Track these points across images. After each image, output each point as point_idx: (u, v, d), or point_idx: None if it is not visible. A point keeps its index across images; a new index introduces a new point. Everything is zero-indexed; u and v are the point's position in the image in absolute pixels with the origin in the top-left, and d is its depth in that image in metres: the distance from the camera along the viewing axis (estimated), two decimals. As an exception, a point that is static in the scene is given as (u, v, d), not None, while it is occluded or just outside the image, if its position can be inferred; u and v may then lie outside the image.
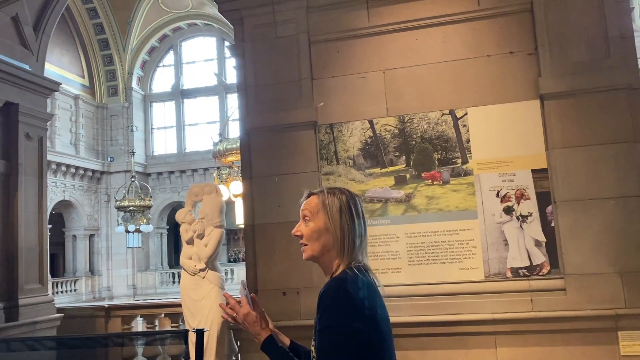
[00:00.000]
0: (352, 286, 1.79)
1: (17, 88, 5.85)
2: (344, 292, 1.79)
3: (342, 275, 1.86)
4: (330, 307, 1.78)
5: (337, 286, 1.83)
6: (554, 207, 4.06)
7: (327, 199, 1.94)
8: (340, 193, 1.97)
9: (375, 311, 1.80)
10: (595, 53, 4.07)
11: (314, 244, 1.94)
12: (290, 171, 4.49)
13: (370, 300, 1.79)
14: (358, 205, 1.96)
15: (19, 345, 4.27)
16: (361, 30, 4.51)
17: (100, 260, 24.33)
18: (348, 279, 1.82)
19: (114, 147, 25.14)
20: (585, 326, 3.87)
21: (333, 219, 1.91)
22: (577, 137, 4.03)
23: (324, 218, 1.92)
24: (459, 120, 4.30)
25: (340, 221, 1.90)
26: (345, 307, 1.76)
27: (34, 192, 5.98)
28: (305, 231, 1.96)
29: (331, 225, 1.91)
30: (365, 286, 1.81)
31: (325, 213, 1.92)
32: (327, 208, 1.92)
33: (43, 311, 5.90)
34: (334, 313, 1.76)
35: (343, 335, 1.73)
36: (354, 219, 1.92)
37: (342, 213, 1.91)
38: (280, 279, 4.42)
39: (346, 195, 1.96)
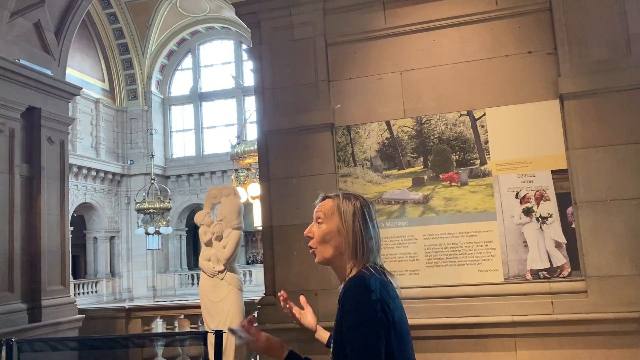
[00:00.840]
0: (371, 281, 1.81)
1: (40, 93, 5.96)
2: (365, 288, 1.81)
3: (360, 274, 1.87)
4: (356, 304, 1.79)
5: (357, 284, 1.84)
6: (574, 208, 4.00)
7: (342, 203, 1.96)
8: (355, 199, 1.99)
9: (391, 310, 1.80)
10: (616, 52, 4.01)
11: (324, 247, 1.98)
12: (307, 173, 4.50)
13: (386, 298, 1.80)
14: (372, 212, 1.98)
15: (42, 345, 4.34)
16: (378, 31, 4.50)
17: (121, 262, 24.62)
18: (366, 276, 1.84)
19: (133, 150, 25.44)
20: (608, 329, 3.81)
21: (346, 222, 1.93)
22: (598, 137, 3.98)
23: (337, 221, 1.94)
24: (477, 121, 4.27)
25: (353, 225, 1.92)
26: (369, 302, 1.77)
27: (56, 195, 6.08)
28: (317, 232, 2.00)
29: (344, 228, 1.93)
30: (381, 284, 1.83)
31: (339, 216, 1.94)
32: (341, 212, 1.95)
33: (65, 312, 5.99)
34: (361, 309, 1.78)
35: (373, 331, 1.75)
36: (367, 224, 1.94)
37: (356, 218, 1.93)
38: (299, 280, 4.43)
39: (360, 202, 1.98)
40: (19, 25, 5.82)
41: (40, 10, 6.00)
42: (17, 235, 5.63)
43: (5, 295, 5.45)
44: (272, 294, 4.54)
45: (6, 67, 5.55)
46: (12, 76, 5.63)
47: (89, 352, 5.90)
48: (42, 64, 6.03)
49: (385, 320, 1.77)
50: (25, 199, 5.77)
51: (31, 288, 5.72)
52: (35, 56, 6.01)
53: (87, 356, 6.10)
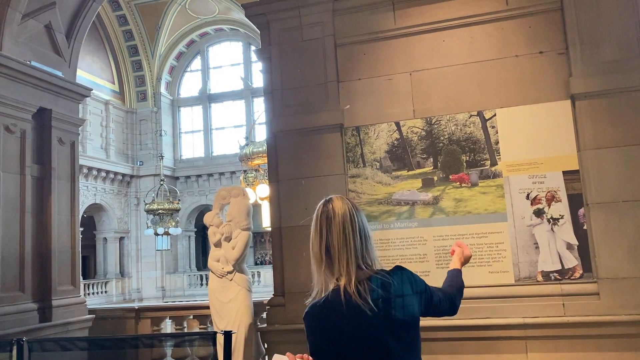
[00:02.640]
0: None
1: (50, 94, 6.00)
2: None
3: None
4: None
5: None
6: (586, 210, 3.97)
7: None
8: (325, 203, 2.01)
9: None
10: (628, 52, 3.98)
11: None
12: (316, 174, 4.49)
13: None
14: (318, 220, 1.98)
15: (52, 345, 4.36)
16: (387, 32, 4.49)
17: (130, 262, 24.73)
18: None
19: (143, 151, 25.55)
20: (620, 332, 3.77)
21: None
22: (610, 138, 3.94)
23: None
24: (488, 122, 4.24)
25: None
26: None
27: (66, 195, 6.11)
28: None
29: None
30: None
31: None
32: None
33: (75, 312, 6.02)
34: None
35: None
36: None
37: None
38: (307, 282, 4.38)
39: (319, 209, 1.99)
40: (30, 27, 5.87)
41: (51, 12, 6.04)
42: (28, 235, 5.66)
43: (16, 295, 5.48)
44: (281, 295, 4.54)
45: (17, 68, 5.59)
46: (24, 77, 5.67)
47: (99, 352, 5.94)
48: (53, 66, 6.07)
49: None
50: (36, 199, 5.81)
51: (42, 288, 5.75)
52: (46, 58, 6.05)
53: (97, 356, 6.13)
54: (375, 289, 1.82)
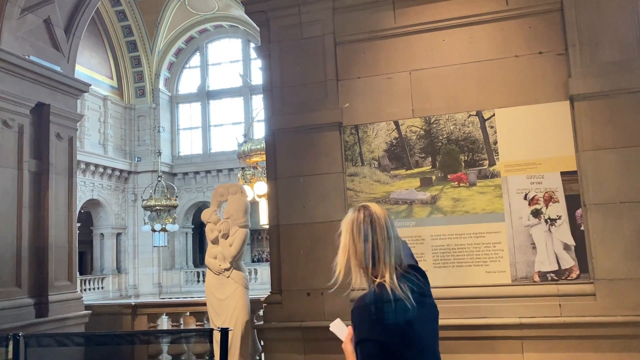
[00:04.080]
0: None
1: (49, 89, 5.98)
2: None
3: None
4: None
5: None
6: (583, 211, 3.98)
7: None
8: (353, 211, 2.15)
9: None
10: (627, 53, 3.99)
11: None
12: (315, 172, 4.49)
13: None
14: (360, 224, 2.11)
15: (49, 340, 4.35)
16: (387, 30, 4.49)
17: (127, 258, 24.71)
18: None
19: (141, 148, 25.52)
20: (616, 332, 3.78)
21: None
22: (609, 139, 3.95)
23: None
24: (487, 122, 4.25)
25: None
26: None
27: (64, 190, 6.09)
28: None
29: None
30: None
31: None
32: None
33: (72, 308, 6.01)
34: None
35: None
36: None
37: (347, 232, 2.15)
38: (305, 279, 4.42)
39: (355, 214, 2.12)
40: (29, 22, 5.84)
41: (50, 6, 6.02)
42: (25, 230, 5.65)
43: (12, 290, 5.47)
44: (278, 292, 4.54)
45: (16, 62, 5.57)
46: (22, 72, 5.65)
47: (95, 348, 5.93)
48: (52, 61, 6.05)
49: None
50: (33, 194, 5.79)
51: (38, 283, 5.74)
52: (44, 52, 6.03)
53: (93, 352, 6.12)
54: (412, 286, 2.02)
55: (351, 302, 4.27)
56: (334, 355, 4.27)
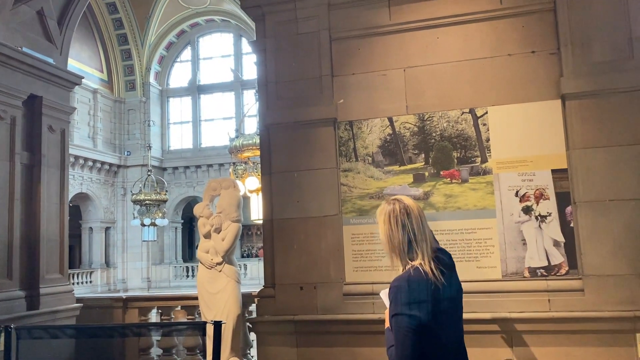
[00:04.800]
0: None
1: (42, 81, 5.95)
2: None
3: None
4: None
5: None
6: (573, 208, 4.05)
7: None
8: (387, 204, 2.43)
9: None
10: (618, 53, 4.05)
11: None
12: (309, 167, 4.53)
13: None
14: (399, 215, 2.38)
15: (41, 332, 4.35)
16: (382, 27, 4.52)
17: (116, 252, 24.63)
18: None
19: (130, 141, 25.40)
20: (603, 327, 3.86)
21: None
22: (599, 138, 4.02)
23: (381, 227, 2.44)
24: (479, 119, 4.30)
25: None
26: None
27: (56, 183, 6.07)
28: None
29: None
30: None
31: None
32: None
33: (63, 301, 6.00)
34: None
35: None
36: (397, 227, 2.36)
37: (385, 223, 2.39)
38: (298, 273, 4.46)
39: (390, 207, 2.40)
40: (22, 13, 5.80)
41: (43, -2, 5.99)
42: (17, 223, 5.63)
43: (3, 282, 5.46)
44: (271, 286, 4.57)
45: (8, 54, 5.53)
46: (15, 64, 5.62)
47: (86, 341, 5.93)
48: (45, 52, 6.02)
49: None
50: (25, 187, 5.77)
51: (29, 276, 5.72)
52: (37, 44, 6.00)
53: (84, 345, 6.12)
54: (442, 268, 2.31)
55: (345, 296, 4.34)
56: (326, 349, 4.33)
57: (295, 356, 4.36)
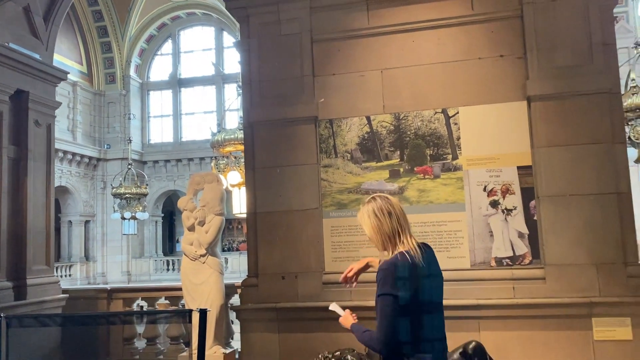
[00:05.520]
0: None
1: (28, 76, 6.06)
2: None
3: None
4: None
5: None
6: (537, 202, 4.34)
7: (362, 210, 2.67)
8: (368, 202, 2.66)
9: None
10: (579, 58, 4.35)
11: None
12: (291, 163, 4.75)
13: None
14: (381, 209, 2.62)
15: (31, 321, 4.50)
16: (361, 30, 4.76)
17: (96, 246, 24.53)
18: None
19: (110, 135, 25.26)
20: (563, 313, 4.17)
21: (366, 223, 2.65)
22: (561, 137, 4.31)
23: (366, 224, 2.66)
24: (451, 119, 4.57)
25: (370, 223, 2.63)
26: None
27: (42, 177, 6.20)
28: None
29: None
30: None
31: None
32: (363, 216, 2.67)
33: (49, 291, 6.14)
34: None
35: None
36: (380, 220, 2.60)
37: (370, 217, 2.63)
38: (280, 264, 4.69)
39: (372, 204, 2.63)
40: (8, 9, 5.90)
41: (29, -6, 6.09)
42: (4, 215, 5.75)
43: (-9, 273, 5.59)
44: (254, 276, 4.80)
45: (-4, 50, 5.65)
46: (2, 59, 5.73)
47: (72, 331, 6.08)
48: (31, 48, 6.13)
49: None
50: (12, 180, 5.89)
51: (16, 267, 5.85)
52: (24, 40, 6.10)
53: (70, 334, 6.27)
54: (424, 254, 2.58)
55: (324, 285, 4.58)
56: (306, 334, 4.58)
57: (277, 342, 4.60)
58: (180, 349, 6.49)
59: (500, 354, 3.67)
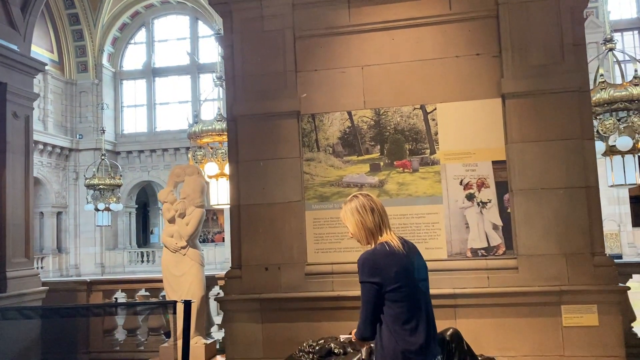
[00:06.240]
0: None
1: (6, 68, 6.00)
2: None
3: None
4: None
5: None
6: (510, 195, 4.54)
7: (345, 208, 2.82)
8: (350, 200, 2.81)
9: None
10: (551, 58, 4.54)
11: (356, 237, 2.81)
12: (274, 156, 4.85)
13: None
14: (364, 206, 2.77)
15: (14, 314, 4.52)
16: (342, 28, 4.87)
17: (68, 237, 24.20)
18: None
19: (82, 125, 24.86)
20: (534, 300, 4.39)
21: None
22: (533, 133, 4.51)
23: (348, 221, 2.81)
24: (429, 115, 4.73)
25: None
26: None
27: (21, 169, 6.16)
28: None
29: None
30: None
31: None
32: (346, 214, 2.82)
33: (29, 284, 6.14)
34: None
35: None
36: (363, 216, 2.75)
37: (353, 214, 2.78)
38: (263, 255, 4.80)
39: (354, 202, 2.79)
40: (-15, 0, 5.84)
41: (6, -16, 6.02)
42: (-17, 208, 5.72)
43: (-30, 266, 5.56)
44: (238, 268, 4.89)
45: (-28, 41, 5.58)
46: (-21, 51, 5.68)
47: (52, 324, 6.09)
48: (8, 39, 6.06)
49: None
50: (-10, 172, 5.85)
51: (-4, 260, 5.84)
52: (1, 31, 6.03)
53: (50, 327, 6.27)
54: (405, 245, 2.73)
55: (307, 275, 4.71)
56: (289, 324, 4.71)
57: (260, 331, 4.72)
58: (160, 339, 6.56)
59: (475, 340, 3.86)
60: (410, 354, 2.57)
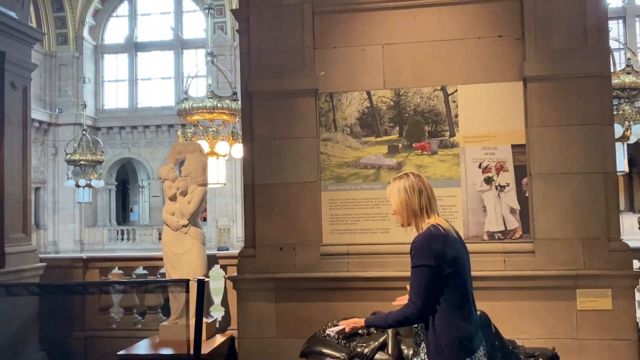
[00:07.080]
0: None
1: (4, 36, 5.72)
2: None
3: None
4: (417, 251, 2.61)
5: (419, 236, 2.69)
6: (529, 179, 4.54)
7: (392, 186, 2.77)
8: (399, 179, 2.76)
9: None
10: (574, 42, 4.52)
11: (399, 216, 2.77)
12: (290, 135, 4.76)
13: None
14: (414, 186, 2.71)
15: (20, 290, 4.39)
16: (363, 4, 4.76)
17: (46, 214, 23.77)
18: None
19: (62, 99, 24.28)
20: (549, 284, 4.42)
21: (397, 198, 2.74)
22: (553, 118, 4.51)
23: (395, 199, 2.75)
24: (450, 96, 4.68)
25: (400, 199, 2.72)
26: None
27: (18, 142, 5.93)
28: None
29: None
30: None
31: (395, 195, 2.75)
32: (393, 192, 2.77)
33: (27, 260, 5.95)
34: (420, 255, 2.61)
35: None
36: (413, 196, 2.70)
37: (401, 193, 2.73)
38: (278, 235, 4.73)
39: (404, 180, 2.73)
40: (-18, -36, 5.54)
41: (4, -51, 5.72)
42: (-20, 181, 5.50)
43: (-33, 241, 5.36)
44: (252, 247, 4.82)
45: (-30, 6, 5.31)
46: (-23, 16, 5.40)
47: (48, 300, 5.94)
48: (7, 6, 5.78)
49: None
50: (-13, 145, 5.62)
51: (-7, 235, 5.64)
52: (-1, -2, 5.75)
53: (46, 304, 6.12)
54: (454, 229, 2.71)
55: (322, 256, 4.66)
56: (303, 304, 4.67)
57: (274, 311, 4.67)
58: (159, 318, 6.47)
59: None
60: (466, 341, 2.54)
